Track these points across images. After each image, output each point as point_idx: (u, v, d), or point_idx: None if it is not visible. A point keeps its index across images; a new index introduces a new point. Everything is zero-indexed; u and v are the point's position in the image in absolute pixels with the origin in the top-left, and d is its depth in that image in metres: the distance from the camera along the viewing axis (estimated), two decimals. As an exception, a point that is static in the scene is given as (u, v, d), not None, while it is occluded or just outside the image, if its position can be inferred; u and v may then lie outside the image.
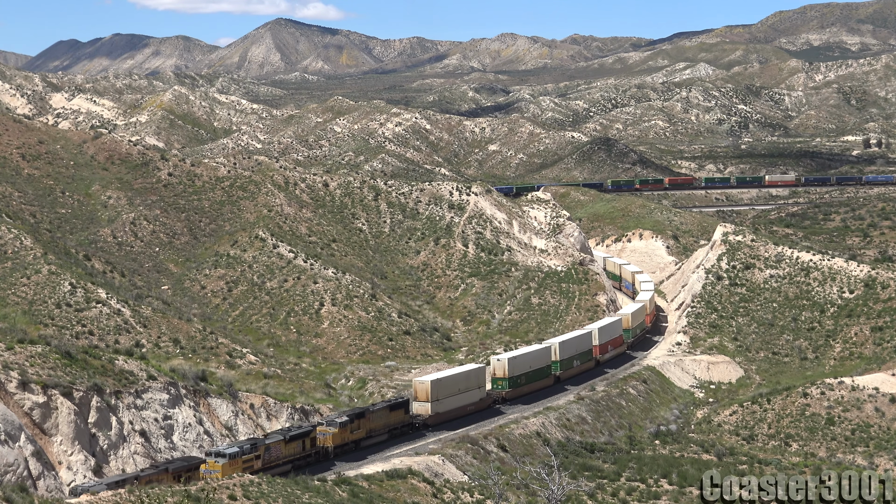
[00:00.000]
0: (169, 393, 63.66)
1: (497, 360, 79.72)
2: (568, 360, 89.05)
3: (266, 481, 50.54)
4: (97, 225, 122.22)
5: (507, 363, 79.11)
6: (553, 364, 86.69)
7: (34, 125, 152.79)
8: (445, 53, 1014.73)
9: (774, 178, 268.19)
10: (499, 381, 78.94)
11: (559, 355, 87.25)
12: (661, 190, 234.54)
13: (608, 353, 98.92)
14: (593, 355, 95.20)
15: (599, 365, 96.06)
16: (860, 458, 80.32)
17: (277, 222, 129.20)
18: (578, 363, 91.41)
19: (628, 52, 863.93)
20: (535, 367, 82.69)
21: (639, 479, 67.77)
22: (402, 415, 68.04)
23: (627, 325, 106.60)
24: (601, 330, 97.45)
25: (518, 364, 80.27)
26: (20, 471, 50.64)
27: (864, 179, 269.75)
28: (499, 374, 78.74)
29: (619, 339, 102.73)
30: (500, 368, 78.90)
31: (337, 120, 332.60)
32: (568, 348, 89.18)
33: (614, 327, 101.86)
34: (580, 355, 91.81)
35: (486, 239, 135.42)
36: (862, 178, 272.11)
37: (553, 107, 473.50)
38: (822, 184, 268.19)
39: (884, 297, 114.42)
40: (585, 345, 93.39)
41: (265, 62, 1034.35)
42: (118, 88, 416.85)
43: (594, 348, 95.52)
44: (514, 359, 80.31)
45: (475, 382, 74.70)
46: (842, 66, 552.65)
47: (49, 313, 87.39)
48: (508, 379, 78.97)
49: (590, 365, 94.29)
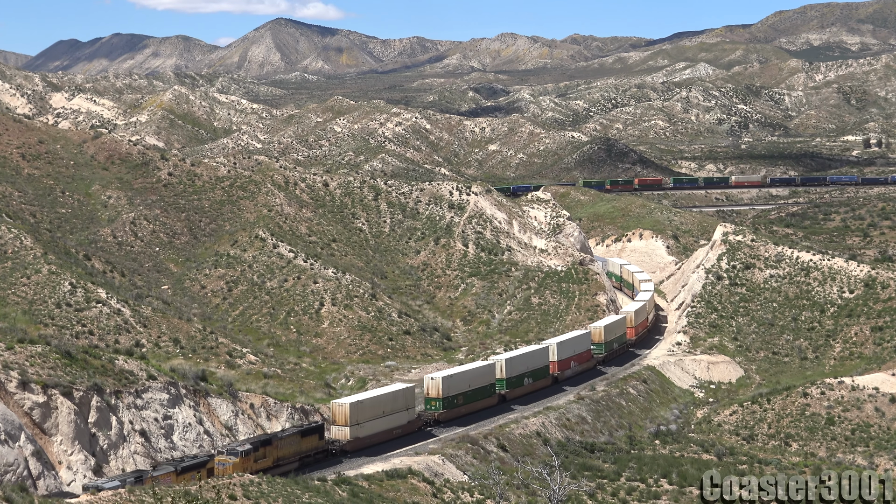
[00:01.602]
0: (169, 393, 63.67)
1: (430, 378, 73.57)
2: (517, 377, 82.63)
3: (266, 481, 50.55)
4: (97, 225, 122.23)
5: (442, 382, 72.94)
6: (498, 382, 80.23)
7: (34, 125, 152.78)
8: (445, 53, 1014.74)
9: (741, 179, 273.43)
10: (432, 402, 72.74)
11: (505, 373, 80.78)
12: (631, 190, 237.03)
13: (570, 370, 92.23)
14: (550, 372, 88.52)
15: (558, 382, 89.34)
16: (860, 458, 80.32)
17: (277, 222, 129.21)
18: (530, 381, 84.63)
19: (628, 52, 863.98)
20: (475, 386, 76.46)
21: (639, 479, 67.81)
22: (315, 440, 62.05)
23: (599, 339, 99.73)
24: (561, 345, 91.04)
25: (454, 383, 74.02)
26: (20, 470, 50.64)
27: (827, 180, 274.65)
28: (432, 393, 72.62)
29: (585, 355, 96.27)
30: (434, 388, 72.74)
31: (337, 120, 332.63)
32: (517, 365, 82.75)
33: (580, 341, 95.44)
34: (533, 372, 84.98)
35: (486, 239, 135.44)
36: (826, 178, 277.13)
37: (553, 107, 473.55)
38: (786, 184, 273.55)
39: (884, 296, 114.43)
40: (540, 361, 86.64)
41: (265, 62, 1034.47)
42: (118, 88, 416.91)
43: (551, 364, 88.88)
44: (449, 377, 74.04)
45: (403, 403, 69.02)
46: (842, 66, 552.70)
47: (49, 313, 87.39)
48: (443, 399, 72.63)
49: (545, 383, 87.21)
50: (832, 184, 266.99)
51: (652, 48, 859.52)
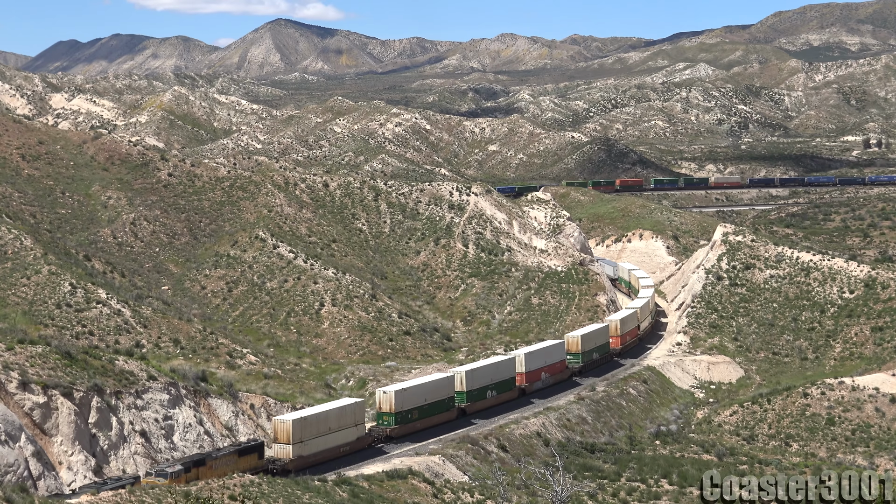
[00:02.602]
0: (169, 393, 63.68)
1: (383, 392, 69.97)
2: (479, 390, 78.42)
3: (266, 481, 50.59)
4: (97, 225, 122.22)
5: (394, 396, 68.99)
6: (457, 395, 76.18)
7: (34, 126, 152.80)
8: (445, 54, 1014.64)
9: (720, 180, 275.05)
10: (384, 417, 68.90)
11: (465, 385, 76.53)
12: (613, 191, 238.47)
13: (540, 382, 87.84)
14: (517, 384, 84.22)
15: (526, 395, 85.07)
16: (860, 458, 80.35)
17: (277, 222, 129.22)
18: (494, 393, 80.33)
19: (628, 53, 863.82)
20: (431, 400, 72.46)
21: (639, 480, 67.83)
22: (254, 460, 58.16)
23: (576, 349, 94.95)
24: (530, 355, 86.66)
25: (409, 397, 70.26)
26: (20, 471, 50.64)
27: (806, 180, 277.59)
28: (384, 408, 68.83)
29: (559, 366, 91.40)
30: (386, 402, 68.90)
31: (337, 120, 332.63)
32: (479, 377, 78.47)
33: (553, 351, 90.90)
34: (497, 384, 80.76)
35: (487, 239, 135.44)
36: (804, 179, 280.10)
37: (553, 107, 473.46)
38: (766, 185, 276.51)
39: (884, 297, 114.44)
40: (505, 372, 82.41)
41: (265, 62, 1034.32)
42: (118, 89, 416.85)
43: (518, 376, 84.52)
44: (403, 391, 70.18)
45: (351, 419, 65.14)
46: (842, 67, 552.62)
47: (49, 314, 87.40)
48: (395, 414, 68.67)
49: (510, 395, 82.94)
50: (809, 184, 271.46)
51: (651, 48, 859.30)
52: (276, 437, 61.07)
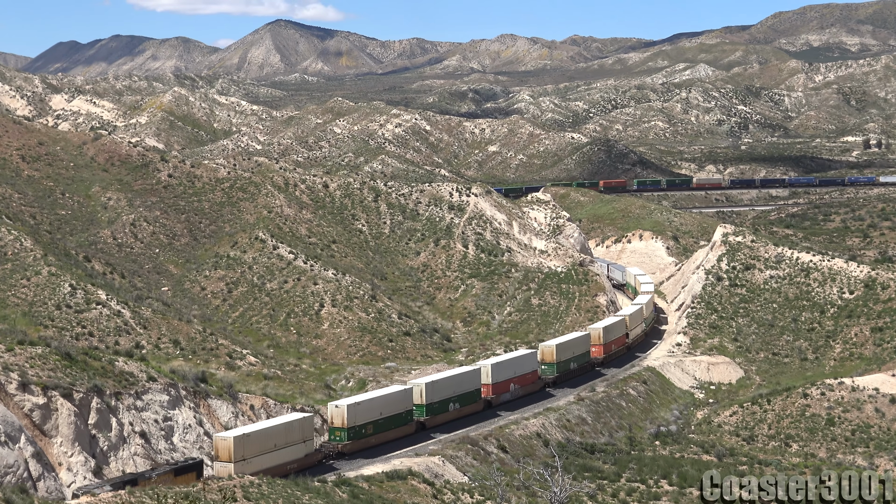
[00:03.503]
0: (169, 394, 63.68)
1: (335, 406, 66.54)
2: (440, 403, 74.73)
3: (266, 482, 50.59)
4: (97, 226, 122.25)
5: (347, 410, 65.40)
6: (416, 408, 72.62)
7: (34, 127, 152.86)
8: (445, 54, 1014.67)
9: (702, 181, 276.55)
10: (336, 432, 65.46)
11: (425, 398, 73.03)
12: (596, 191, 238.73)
13: (509, 393, 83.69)
14: (482, 396, 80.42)
15: (492, 407, 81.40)
16: (860, 458, 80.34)
17: (277, 223, 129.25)
18: (457, 406, 76.45)
19: (628, 53, 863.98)
20: (388, 414, 69.05)
21: (639, 480, 67.82)
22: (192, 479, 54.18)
23: (550, 359, 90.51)
24: (498, 366, 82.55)
25: (362, 411, 66.73)
26: (20, 472, 50.65)
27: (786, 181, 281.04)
28: (336, 422, 65.49)
29: (530, 376, 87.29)
30: (338, 416, 65.46)
31: (337, 121, 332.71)
32: (440, 389, 74.69)
33: (523, 361, 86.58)
34: (461, 397, 77.03)
35: (486, 240, 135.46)
36: (784, 180, 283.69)
37: (553, 108, 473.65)
38: (746, 186, 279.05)
39: (884, 297, 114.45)
40: (469, 384, 78.64)
41: (265, 63, 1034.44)
42: (118, 90, 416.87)
43: (484, 387, 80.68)
44: (356, 405, 66.68)
45: (299, 435, 61.54)
46: (841, 67, 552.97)
47: (49, 315, 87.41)
48: (348, 429, 65.11)
49: (475, 408, 79.17)
50: (791, 185, 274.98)
51: (651, 49, 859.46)
52: (218, 454, 57.32)
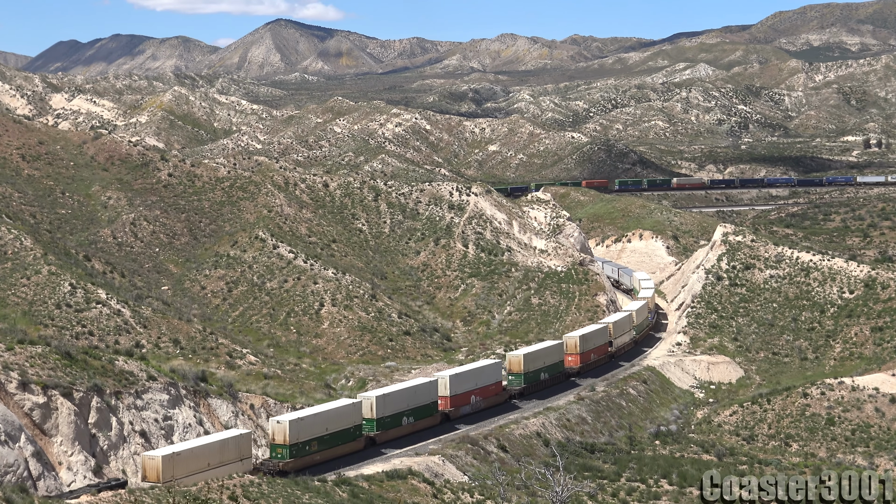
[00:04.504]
0: (169, 393, 63.69)
1: (276, 422, 62.59)
2: (392, 417, 70.67)
3: (266, 482, 50.62)
4: (97, 225, 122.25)
5: (289, 426, 61.19)
6: (366, 423, 68.76)
7: (34, 126, 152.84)
8: (445, 54, 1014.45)
9: (682, 182, 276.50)
10: (278, 449, 61.86)
11: (376, 412, 68.94)
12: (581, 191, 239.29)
13: (469, 406, 79.50)
14: (440, 409, 76.29)
15: (450, 421, 77.21)
16: (860, 458, 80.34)
17: (277, 223, 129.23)
18: (411, 420, 72.41)
19: (628, 53, 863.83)
20: (334, 429, 65.03)
21: (639, 480, 67.83)
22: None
23: (518, 369, 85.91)
24: (457, 377, 78.32)
25: (306, 426, 62.68)
26: (20, 471, 50.66)
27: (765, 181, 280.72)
28: (278, 439, 61.88)
29: (494, 388, 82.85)
30: (280, 432, 61.67)
31: (337, 120, 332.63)
32: (393, 402, 70.80)
33: (487, 372, 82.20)
34: (416, 410, 73.01)
35: (486, 239, 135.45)
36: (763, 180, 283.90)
37: (553, 107, 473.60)
38: (727, 186, 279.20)
39: (884, 297, 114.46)
40: (426, 396, 74.60)
41: (265, 63, 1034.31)
42: (118, 89, 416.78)
43: (442, 400, 76.55)
44: (299, 420, 62.47)
45: (235, 453, 57.54)
46: (842, 67, 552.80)
47: (49, 314, 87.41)
48: (290, 446, 61.44)
49: (432, 422, 75.04)
50: (769, 185, 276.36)
51: (652, 49, 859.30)
52: (145, 475, 53.35)
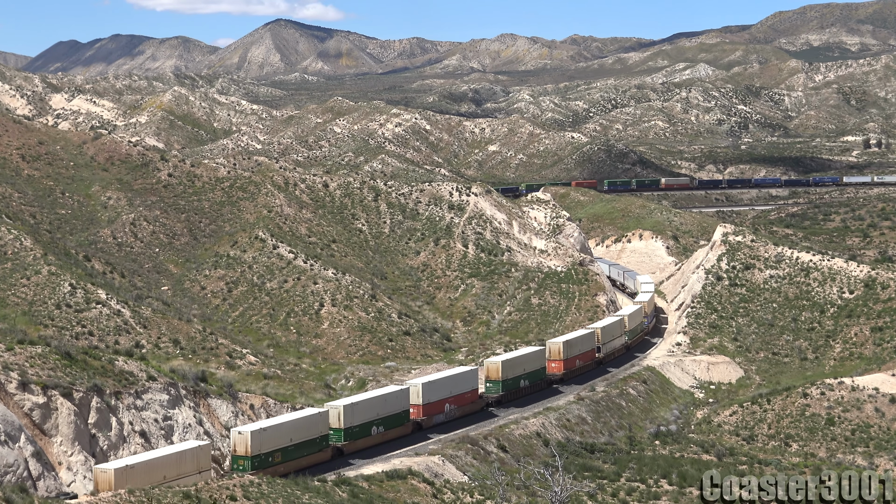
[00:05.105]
0: (169, 393, 63.70)
1: (238, 432, 59.88)
2: (361, 426, 68.15)
3: (266, 482, 50.61)
4: (97, 226, 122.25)
5: (251, 437, 58.57)
6: (333, 433, 66.21)
7: (34, 126, 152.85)
8: (445, 54, 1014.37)
9: (671, 182, 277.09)
10: (239, 461, 59.31)
11: (343, 421, 66.39)
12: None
13: (443, 414, 76.94)
14: (412, 418, 73.84)
15: (423, 430, 74.44)
16: (860, 458, 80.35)
17: (277, 223, 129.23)
18: (381, 429, 69.87)
19: (628, 53, 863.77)
20: (299, 440, 62.46)
21: (639, 480, 67.83)
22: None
23: (496, 376, 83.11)
24: (430, 385, 75.57)
25: (269, 437, 60.12)
26: (20, 471, 50.65)
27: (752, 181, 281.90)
28: (239, 450, 59.06)
29: (468, 396, 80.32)
30: (241, 443, 58.98)
31: (337, 120, 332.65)
32: (361, 411, 68.15)
33: (462, 379, 79.65)
34: (385, 419, 70.48)
35: (486, 239, 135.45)
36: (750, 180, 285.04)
37: (553, 107, 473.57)
38: (714, 186, 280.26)
39: (884, 297, 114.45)
40: (396, 405, 71.97)
41: (265, 63, 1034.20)
42: (118, 89, 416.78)
43: (414, 408, 73.98)
44: (262, 431, 59.58)
45: (193, 466, 54.53)
46: (841, 67, 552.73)
47: (49, 314, 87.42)
48: (252, 458, 58.87)
49: (403, 431, 72.63)
50: (756, 185, 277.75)
51: (651, 49, 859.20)
52: (97, 487, 49.77)
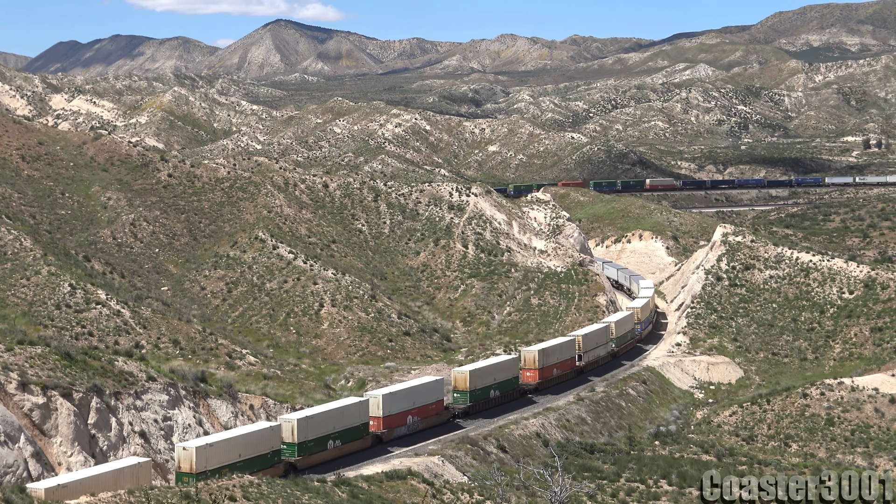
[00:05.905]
0: (168, 394, 63.71)
1: (183, 448, 56.55)
2: (316, 440, 64.72)
3: (266, 482, 50.61)
4: (97, 226, 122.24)
5: (196, 453, 55.34)
6: (286, 447, 62.75)
7: (34, 126, 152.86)
8: (445, 54, 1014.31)
9: (655, 183, 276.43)
10: (184, 478, 55.81)
11: (297, 435, 62.82)
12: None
13: (405, 427, 73.14)
14: (371, 431, 69.98)
15: (383, 443, 70.62)
16: (860, 458, 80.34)
17: (277, 223, 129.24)
18: (338, 443, 66.47)
19: (628, 53, 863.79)
20: (248, 455, 59.24)
21: (638, 480, 67.81)
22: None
23: (464, 386, 79.15)
24: (391, 396, 71.89)
25: (216, 453, 56.94)
26: (20, 472, 50.67)
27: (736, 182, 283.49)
28: (184, 467, 55.97)
29: (433, 407, 76.34)
30: (186, 460, 55.89)
31: (336, 121, 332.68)
32: (316, 425, 64.67)
33: (426, 390, 75.63)
34: (343, 433, 66.89)
35: (486, 240, 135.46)
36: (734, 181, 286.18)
37: (553, 108, 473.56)
38: (698, 187, 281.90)
39: (883, 297, 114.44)
40: (354, 417, 68.21)
41: (265, 63, 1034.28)
42: (118, 89, 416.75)
43: (374, 421, 70.32)
44: (208, 447, 56.32)
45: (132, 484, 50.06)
46: (841, 67, 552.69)
47: (49, 314, 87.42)
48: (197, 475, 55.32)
49: (362, 444, 68.83)
50: (740, 186, 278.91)
51: (651, 49, 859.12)
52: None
